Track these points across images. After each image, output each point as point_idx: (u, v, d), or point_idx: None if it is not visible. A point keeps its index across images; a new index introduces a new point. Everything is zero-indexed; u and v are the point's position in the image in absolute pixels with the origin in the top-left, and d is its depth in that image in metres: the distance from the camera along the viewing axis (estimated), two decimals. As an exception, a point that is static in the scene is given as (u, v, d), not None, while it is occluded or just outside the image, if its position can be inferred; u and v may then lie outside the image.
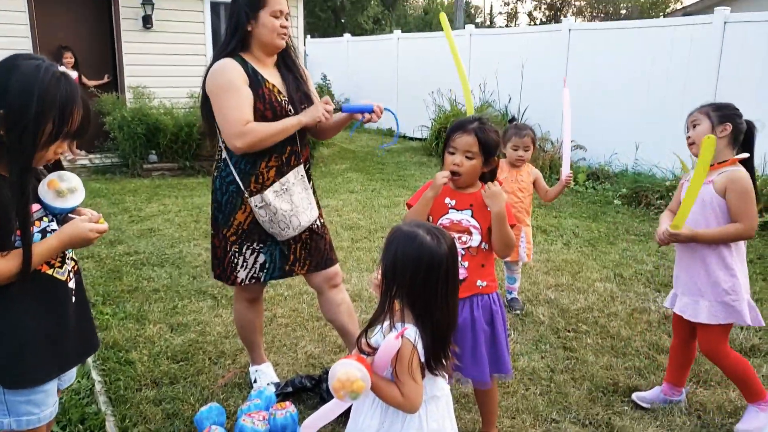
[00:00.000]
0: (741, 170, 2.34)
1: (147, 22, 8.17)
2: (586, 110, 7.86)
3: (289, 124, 2.36)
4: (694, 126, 2.43)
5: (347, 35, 13.75)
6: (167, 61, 8.40)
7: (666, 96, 6.96)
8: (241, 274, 2.46)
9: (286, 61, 2.49)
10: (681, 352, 2.63)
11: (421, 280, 1.51)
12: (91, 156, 7.89)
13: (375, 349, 1.52)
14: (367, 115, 2.46)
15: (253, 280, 2.48)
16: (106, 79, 8.26)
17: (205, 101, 2.39)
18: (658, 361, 3.01)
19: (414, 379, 1.48)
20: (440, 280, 1.52)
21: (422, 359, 1.50)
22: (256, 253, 2.46)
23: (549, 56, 8.31)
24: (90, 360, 2.83)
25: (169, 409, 2.48)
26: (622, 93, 7.43)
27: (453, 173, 2.08)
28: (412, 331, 1.49)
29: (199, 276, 4.08)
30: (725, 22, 6.38)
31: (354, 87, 12.72)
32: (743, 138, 2.39)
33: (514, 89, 8.87)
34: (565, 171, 3.29)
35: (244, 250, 2.45)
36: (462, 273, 2.09)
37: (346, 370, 1.42)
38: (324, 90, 12.15)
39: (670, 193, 6.04)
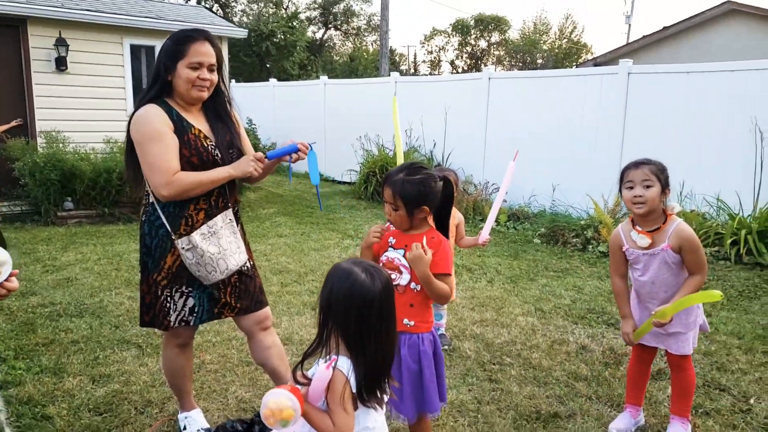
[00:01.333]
0: (685, 225, 2.52)
1: (61, 64, 7.95)
2: (506, 154, 8.33)
3: (219, 176, 2.37)
4: (647, 186, 2.48)
5: (273, 80, 13.90)
6: (83, 105, 8.17)
7: (580, 140, 7.51)
8: (173, 317, 2.44)
9: (216, 108, 2.52)
10: (642, 377, 2.83)
11: (354, 316, 1.58)
12: (-1, 203, 7.47)
13: (310, 380, 1.57)
14: (294, 155, 2.49)
15: (183, 323, 2.46)
16: (15, 123, 7.88)
17: (130, 148, 2.39)
18: (575, 389, 3.19)
19: (345, 410, 1.54)
20: (373, 316, 1.60)
21: (354, 390, 1.56)
22: (185, 297, 2.44)
23: (471, 103, 8.78)
24: (2, 416, 2.67)
25: (92, 464, 2.38)
26: (539, 138, 7.94)
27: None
28: (344, 363, 1.56)
29: (122, 325, 3.93)
30: (629, 73, 7.02)
31: (281, 132, 12.79)
32: None
33: (439, 135, 9.26)
34: (484, 235, 3.46)
35: (173, 294, 2.43)
36: None
37: (277, 399, 1.46)
38: (250, 134, 12.14)
39: (585, 232, 6.47)
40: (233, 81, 15.40)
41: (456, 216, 3.79)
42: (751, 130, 6.02)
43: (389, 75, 10.46)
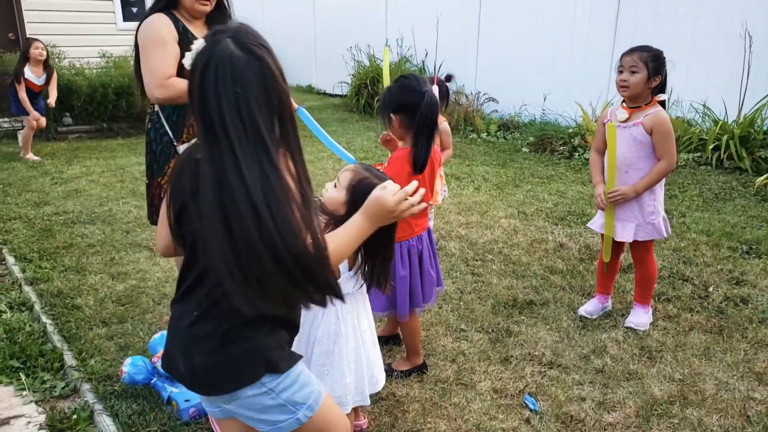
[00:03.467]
0: (663, 112, 2.72)
1: (49, -24, 7.79)
2: (497, 64, 8.35)
3: None
4: (633, 72, 2.67)
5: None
6: (74, 19, 8.07)
7: (571, 48, 7.53)
8: None
9: (217, 21, 2.66)
10: (610, 268, 3.12)
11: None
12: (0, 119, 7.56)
13: None
14: None
15: None
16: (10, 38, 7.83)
17: (137, 55, 2.55)
18: (551, 281, 3.53)
19: None
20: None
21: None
22: None
23: (463, 10, 8.66)
24: (37, 306, 3.00)
25: (122, 342, 2.73)
26: (532, 47, 7.94)
27: None
28: None
29: (132, 231, 4.22)
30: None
31: (271, 43, 12.54)
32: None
33: (431, 44, 9.19)
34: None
35: None
36: None
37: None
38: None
39: (572, 140, 6.66)
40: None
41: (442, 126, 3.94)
42: (741, 34, 6.05)
43: (381, -19, 10.19)
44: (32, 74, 6.11)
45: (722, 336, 2.90)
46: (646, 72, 2.66)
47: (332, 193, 1.79)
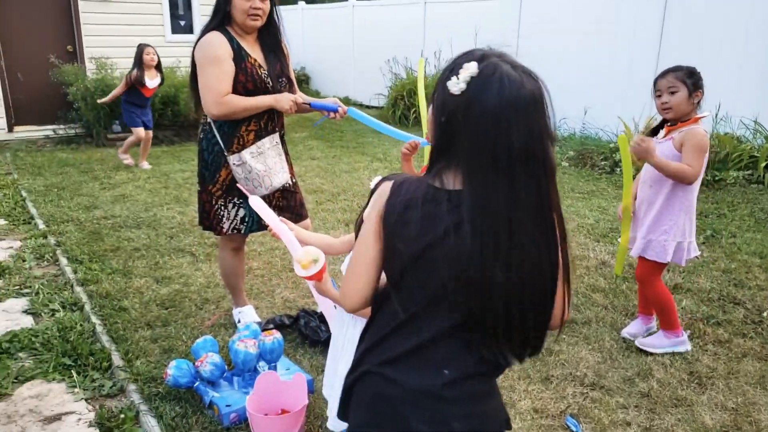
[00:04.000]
0: (698, 128, 2.62)
1: (105, -7, 8.12)
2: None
3: (262, 103, 2.63)
4: (672, 93, 2.60)
5: (302, 3, 13.73)
6: (126, 32, 8.38)
7: (612, 62, 7.42)
8: (226, 225, 2.76)
9: (269, 38, 2.74)
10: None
11: None
12: (55, 126, 7.89)
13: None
14: (332, 114, 2.74)
15: (235, 231, 2.79)
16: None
17: (194, 72, 2.64)
18: (592, 299, 3.45)
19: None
20: None
21: None
22: (237, 207, 2.75)
23: (501, 24, 8.64)
24: (87, 307, 3.10)
25: (165, 345, 2.79)
26: (571, 59, 7.85)
27: None
28: None
29: (176, 236, 4.33)
30: (667, -9, 6.83)
31: (310, 56, 12.80)
32: None
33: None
34: None
35: (227, 204, 2.74)
36: None
37: (304, 251, 1.74)
38: (283, 59, 12.17)
39: (614, 155, 6.55)
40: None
41: None
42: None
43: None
44: (147, 79, 6.26)
45: (776, 363, 2.79)
46: (686, 89, 2.59)
47: None
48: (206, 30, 2.62)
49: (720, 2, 6.46)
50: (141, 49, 6.27)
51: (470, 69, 1.10)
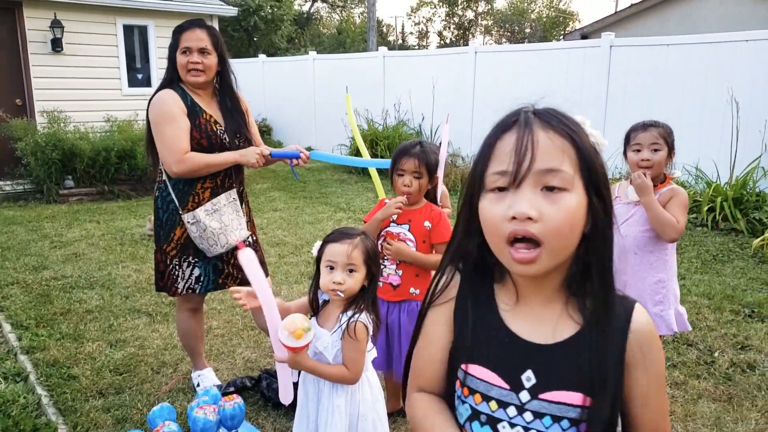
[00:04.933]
0: (680, 188, 2.46)
1: (57, 45, 8.05)
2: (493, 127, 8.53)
3: (226, 160, 2.62)
4: (655, 150, 2.40)
5: (262, 56, 13.93)
6: (81, 85, 8.30)
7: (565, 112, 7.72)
8: (180, 285, 2.70)
9: (225, 95, 2.76)
10: None
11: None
12: (1, 183, 7.63)
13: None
14: (294, 161, 2.76)
15: (190, 291, 2.72)
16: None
17: (149, 129, 2.63)
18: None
19: (363, 356, 1.83)
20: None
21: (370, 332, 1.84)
22: (191, 267, 2.70)
23: (458, 76, 8.95)
24: (32, 377, 2.94)
25: (119, 414, 2.65)
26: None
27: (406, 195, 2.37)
28: (365, 317, 1.83)
29: (132, 296, 4.19)
30: (611, 46, 7.22)
31: (271, 108, 12.90)
32: None
33: (427, 108, 9.45)
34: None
35: (182, 263, 2.68)
36: (396, 280, 2.42)
37: (291, 319, 1.71)
38: (242, 111, 12.23)
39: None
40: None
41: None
42: (728, 100, 6.25)
43: (377, 49, 10.58)
44: None
45: (732, 404, 2.84)
46: (667, 149, 2.41)
47: (351, 282, 1.81)
48: (160, 87, 2.63)
49: (659, 63, 6.87)
50: None
51: None
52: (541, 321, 0.97)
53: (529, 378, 0.95)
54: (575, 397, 0.94)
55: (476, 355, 0.99)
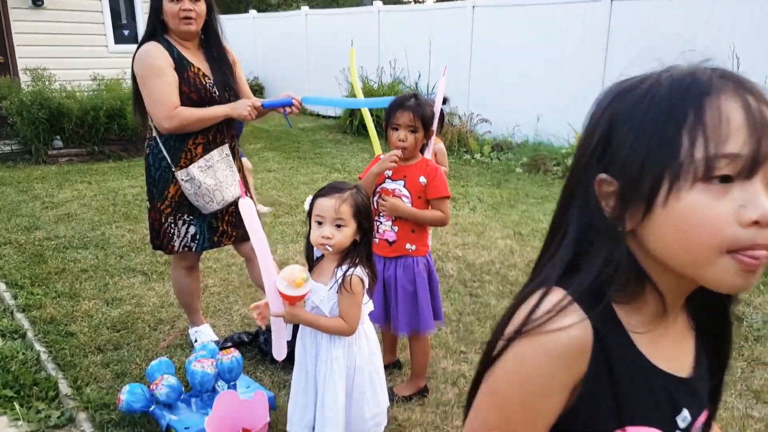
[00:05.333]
0: None
1: (37, -1, 7.79)
2: (490, 85, 8.43)
3: (217, 114, 2.55)
4: None
5: (253, 12, 13.60)
6: (64, 41, 8.05)
7: (563, 70, 7.62)
8: (176, 243, 2.68)
9: (212, 47, 2.67)
10: None
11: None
12: (-11, 143, 7.52)
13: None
14: (288, 108, 2.68)
15: (186, 249, 2.70)
16: None
17: (136, 85, 2.55)
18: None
19: (359, 308, 1.85)
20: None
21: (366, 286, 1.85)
22: (187, 225, 2.67)
23: (455, 32, 8.77)
24: (30, 334, 2.95)
25: (118, 369, 2.68)
26: (523, 68, 8.03)
27: (402, 149, 2.32)
28: (360, 270, 1.83)
29: (126, 255, 4.18)
30: (612, 0, 7.07)
31: (263, 66, 12.67)
32: None
33: (423, 65, 9.28)
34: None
35: (177, 221, 2.66)
36: (392, 236, 2.40)
37: (290, 270, 1.74)
38: (234, 70, 12.01)
39: (566, 160, 6.72)
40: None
41: (437, 146, 3.96)
42: (729, 56, 6.17)
43: (372, 4, 10.32)
44: None
45: (722, 355, 2.90)
46: None
47: (340, 237, 1.81)
48: (143, 41, 2.54)
49: (660, 18, 6.74)
50: None
51: None
52: (676, 345, 0.77)
53: (685, 419, 0.75)
54: (704, 416, 0.80)
55: (626, 415, 0.71)
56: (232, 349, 2.43)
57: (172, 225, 2.66)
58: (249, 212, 1.71)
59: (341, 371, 1.87)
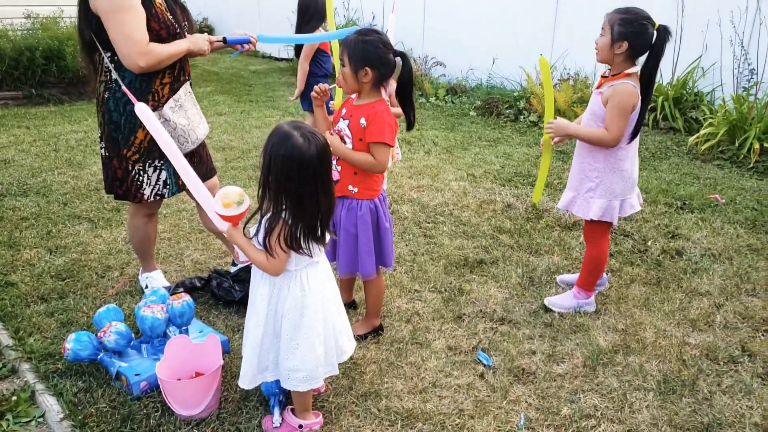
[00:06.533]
0: (627, 84, 2.43)
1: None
2: (445, 28, 8.27)
3: (181, 49, 2.48)
4: (601, 35, 2.47)
5: (199, -52, 12.81)
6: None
7: (515, 13, 7.53)
8: (147, 192, 2.58)
9: None
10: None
11: (292, 175, 1.75)
12: None
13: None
14: (245, 46, 2.64)
15: (158, 197, 2.62)
16: None
17: (86, 21, 2.37)
18: (499, 240, 3.59)
19: (278, 252, 1.80)
20: (309, 177, 1.76)
21: (289, 241, 1.80)
22: (158, 171, 2.58)
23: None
24: (-32, 285, 2.83)
25: (63, 318, 2.61)
26: (479, 9, 7.89)
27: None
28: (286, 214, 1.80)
29: (70, 202, 4.02)
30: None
31: (211, 5, 12.06)
32: (656, 41, 2.42)
33: (377, 6, 9.02)
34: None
35: (146, 168, 2.55)
36: (335, 175, 2.33)
37: (226, 191, 1.80)
38: (179, 9, 11.40)
39: (518, 103, 6.74)
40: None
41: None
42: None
43: (324, -59, 9.85)
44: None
45: (660, 287, 3.05)
46: (610, 35, 2.43)
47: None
48: None
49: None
50: None
51: None
52: None
53: None
54: None
55: None
56: (183, 293, 2.40)
57: (141, 172, 2.55)
58: (147, 118, 1.70)
59: (262, 309, 1.89)
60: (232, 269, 2.99)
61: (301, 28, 4.48)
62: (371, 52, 2.22)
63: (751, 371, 2.39)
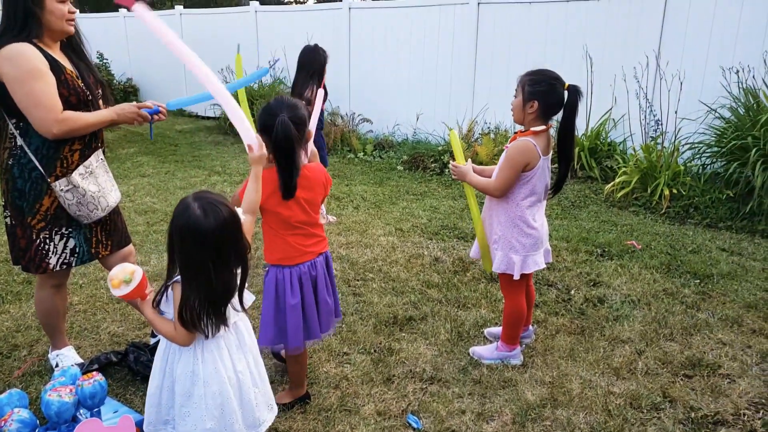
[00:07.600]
0: (526, 141, 2.54)
1: None
2: (370, 86, 8.54)
3: (103, 118, 2.44)
4: (515, 96, 2.59)
5: (123, 11, 12.74)
6: None
7: (437, 71, 7.89)
8: (53, 261, 2.45)
9: (74, 46, 2.51)
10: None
11: (188, 248, 1.72)
12: None
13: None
14: (155, 116, 2.62)
15: (65, 266, 2.50)
16: None
17: None
18: (428, 295, 3.63)
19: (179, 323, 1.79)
20: (206, 249, 1.71)
21: (181, 316, 1.76)
22: (65, 238, 2.47)
23: (333, 33, 8.77)
24: None
25: (-40, 407, 2.38)
26: (401, 69, 8.21)
27: None
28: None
29: (-26, 276, 3.75)
30: (479, 3, 7.39)
31: (137, 67, 11.95)
32: (568, 99, 2.54)
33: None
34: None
35: (53, 236, 2.44)
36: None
37: (120, 268, 1.79)
38: (102, 70, 11.21)
39: (443, 157, 6.97)
40: (78, 12, 13.85)
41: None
42: (583, 57, 6.70)
43: (248, 4, 10.06)
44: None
45: (584, 336, 3.15)
46: (521, 96, 2.56)
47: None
48: (7, 40, 2.27)
49: (523, 21, 7.17)
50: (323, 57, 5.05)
51: None
52: None
53: None
54: None
55: None
56: (95, 372, 2.26)
57: (47, 240, 2.43)
58: (147, 15, 1.78)
59: (158, 364, 1.89)
60: (152, 341, 2.85)
61: (298, 82, 4.75)
62: (259, 116, 2.21)
63: (673, 417, 2.47)
